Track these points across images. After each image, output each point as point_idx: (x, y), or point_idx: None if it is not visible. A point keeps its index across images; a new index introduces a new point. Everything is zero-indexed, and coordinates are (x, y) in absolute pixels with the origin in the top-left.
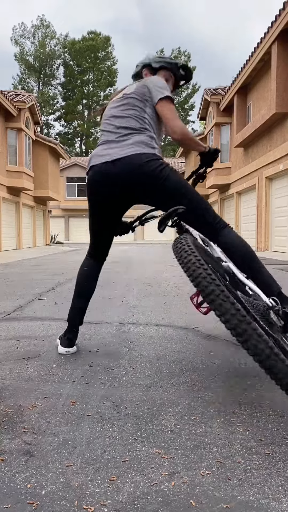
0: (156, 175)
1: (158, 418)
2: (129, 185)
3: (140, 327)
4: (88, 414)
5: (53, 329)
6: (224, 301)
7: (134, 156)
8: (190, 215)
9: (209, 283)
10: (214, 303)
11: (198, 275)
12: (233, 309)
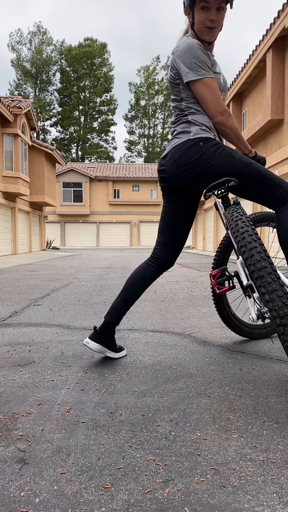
0: (197, 166)
1: (153, 425)
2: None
3: (136, 333)
4: (82, 421)
5: (48, 335)
6: (274, 280)
7: (171, 152)
8: (242, 190)
9: (263, 258)
10: (262, 279)
11: (252, 248)
12: (281, 291)
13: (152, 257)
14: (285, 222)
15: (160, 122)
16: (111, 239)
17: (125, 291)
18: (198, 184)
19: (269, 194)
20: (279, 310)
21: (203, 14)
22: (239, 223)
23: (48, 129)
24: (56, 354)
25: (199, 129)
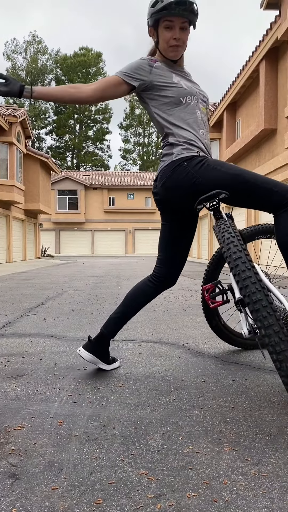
0: (185, 185)
1: (146, 438)
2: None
3: (130, 344)
4: (75, 435)
5: (42, 346)
6: (258, 290)
7: (160, 175)
8: (237, 200)
9: (248, 268)
10: (247, 289)
11: (237, 258)
12: (266, 301)
13: (153, 274)
14: (281, 225)
15: (154, 130)
16: (106, 247)
17: (123, 306)
18: (189, 203)
19: (264, 201)
20: (264, 321)
21: (167, 33)
22: (225, 234)
23: (43, 137)
24: (50, 365)
25: (181, 149)
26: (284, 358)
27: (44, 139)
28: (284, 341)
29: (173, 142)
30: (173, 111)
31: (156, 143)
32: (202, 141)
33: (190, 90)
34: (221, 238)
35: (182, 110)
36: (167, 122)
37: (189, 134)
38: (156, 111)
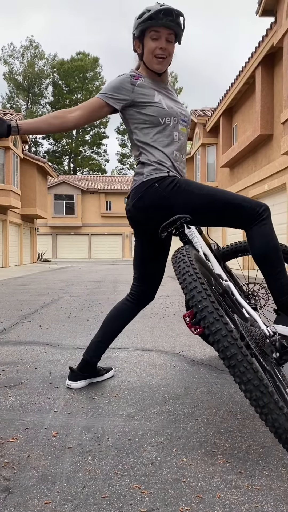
0: (156, 207)
1: (140, 450)
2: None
3: (125, 352)
4: (69, 447)
5: (37, 354)
6: (216, 319)
7: (131, 194)
8: (208, 220)
9: (204, 298)
10: (205, 320)
11: (193, 288)
12: (225, 330)
13: (130, 293)
14: (254, 239)
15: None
16: (103, 251)
17: (103, 329)
18: (159, 224)
19: (235, 217)
20: (226, 351)
21: (153, 44)
22: (181, 264)
23: (40, 141)
24: (44, 374)
25: (151, 169)
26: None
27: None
28: (249, 370)
29: (144, 161)
30: (150, 131)
31: None
32: (174, 162)
33: (170, 111)
34: (177, 269)
35: (159, 131)
36: (142, 141)
37: (161, 154)
38: (133, 128)
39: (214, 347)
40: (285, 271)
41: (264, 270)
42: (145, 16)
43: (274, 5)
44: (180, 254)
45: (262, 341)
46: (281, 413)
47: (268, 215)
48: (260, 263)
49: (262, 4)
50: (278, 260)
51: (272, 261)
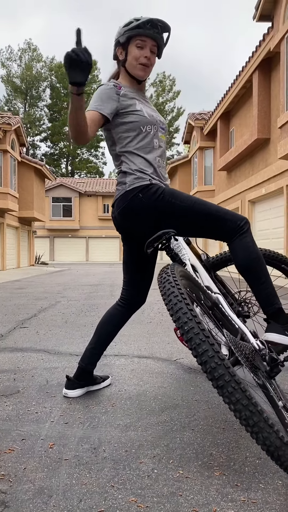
0: (140, 217)
1: (136, 461)
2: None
3: (122, 359)
4: (65, 458)
5: (34, 361)
6: (203, 341)
7: (116, 203)
8: (191, 231)
9: (189, 319)
10: (192, 341)
11: (178, 309)
12: (212, 351)
13: (121, 297)
14: (237, 252)
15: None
16: (101, 254)
17: (97, 335)
18: (144, 233)
19: (217, 229)
20: (213, 372)
21: (138, 51)
22: (166, 285)
23: (38, 144)
24: (41, 383)
25: (133, 178)
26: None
27: (39, 146)
28: (237, 390)
29: (125, 170)
30: (132, 139)
31: None
32: (156, 168)
33: (151, 119)
34: (162, 289)
35: (142, 138)
36: (123, 149)
37: (143, 162)
38: (117, 139)
39: (202, 369)
40: (270, 281)
41: (250, 282)
42: (133, 25)
43: (271, 10)
44: (165, 274)
45: (252, 355)
46: (271, 430)
47: (248, 228)
48: (245, 275)
49: (259, 9)
50: (262, 271)
51: (257, 272)
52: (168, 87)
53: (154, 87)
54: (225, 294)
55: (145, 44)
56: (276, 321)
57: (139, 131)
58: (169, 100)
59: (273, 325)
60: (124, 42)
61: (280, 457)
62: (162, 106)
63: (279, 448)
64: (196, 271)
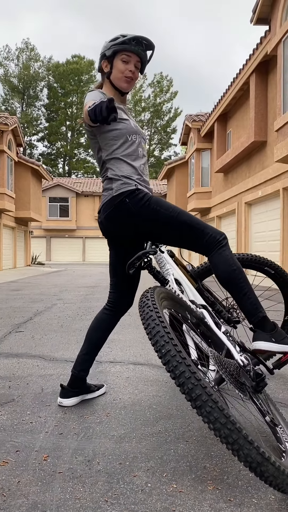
0: (125, 222)
1: (130, 475)
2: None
3: (117, 366)
4: (59, 471)
5: (29, 368)
6: (179, 362)
7: (102, 208)
8: (172, 240)
9: (166, 342)
10: (169, 364)
11: (156, 333)
12: (188, 372)
13: (108, 301)
14: (218, 265)
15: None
16: (97, 254)
17: (87, 341)
18: (129, 237)
19: (197, 242)
20: (191, 393)
21: (123, 65)
22: (145, 309)
23: (35, 144)
24: (36, 391)
25: (120, 184)
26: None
27: (36, 146)
28: (214, 409)
29: (111, 177)
30: (118, 146)
31: (148, 151)
32: (142, 175)
33: (136, 129)
34: (142, 314)
35: (128, 146)
36: (110, 156)
37: (129, 168)
38: (104, 145)
39: (180, 390)
40: (252, 291)
41: (233, 293)
42: (119, 40)
43: (268, 13)
44: (145, 298)
45: (237, 371)
46: (251, 447)
47: (226, 243)
48: (228, 287)
49: (256, 12)
50: (243, 281)
51: (238, 283)
52: (165, 88)
53: (152, 87)
54: (212, 302)
55: (130, 59)
56: (262, 329)
57: (125, 139)
58: (167, 101)
59: (260, 334)
60: (110, 56)
61: (263, 472)
62: (160, 106)
63: (261, 464)
64: (180, 285)
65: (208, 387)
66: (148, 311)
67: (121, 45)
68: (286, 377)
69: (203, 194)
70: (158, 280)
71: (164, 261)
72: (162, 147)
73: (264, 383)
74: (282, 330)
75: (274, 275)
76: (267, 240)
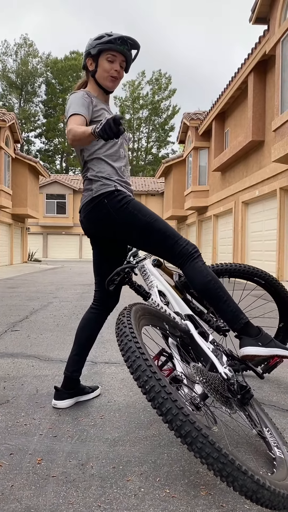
0: (103, 222)
1: (123, 479)
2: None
3: (112, 367)
4: (53, 475)
5: (24, 368)
6: (165, 398)
7: (82, 208)
8: (146, 246)
9: (137, 357)
10: (140, 379)
11: (128, 349)
12: (175, 408)
13: (94, 299)
14: (191, 277)
15: (144, 136)
16: None
17: (77, 342)
18: (108, 236)
19: (169, 252)
20: (172, 423)
21: (109, 65)
22: (120, 326)
23: (33, 140)
24: (31, 392)
25: (99, 185)
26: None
27: (33, 142)
28: (206, 444)
29: (91, 178)
30: (100, 146)
31: (146, 149)
32: (121, 176)
33: None
34: (117, 331)
35: (109, 147)
36: (91, 156)
37: (109, 169)
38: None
39: (169, 427)
40: (231, 298)
41: (212, 304)
42: (105, 39)
43: (267, 13)
44: (121, 325)
45: (222, 386)
46: (245, 477)
47: (199, 255)
48: (206, 297)
49: (255, 12)
50: (220, 290)
51: (216, 293)
52: (164, 85)
53: (150, 85)
54: (200, 312)
55: (115, 59)
56: (248, 335)
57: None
58: (165, 98)
59: (246, 339)
60: (95, 54)
61: (259, 499)
62: (158, 104)
63: (257, 492)
64: (164, 297)
65: (197, 421)
66: (123, 327)
67: (107, 44)
68: (280, 380)
69: (200, 192)
70: (140, 295)
71: (147, 273)
72: (160, 145)
73: (249, 395)
74: (267, 334)
75: (264, 285)
76: (264, 240)
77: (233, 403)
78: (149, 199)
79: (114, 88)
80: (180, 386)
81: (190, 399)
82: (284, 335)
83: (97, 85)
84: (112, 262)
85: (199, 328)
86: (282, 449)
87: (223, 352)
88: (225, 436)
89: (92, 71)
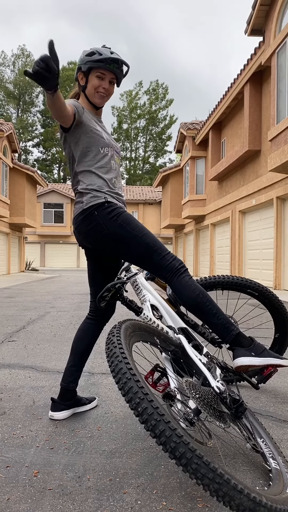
0: (94, 233)
1: (120, 492)
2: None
3: (110, 378)
4: (50, 488)
5: (21, 379)
6: (158, 420)
7: (74, 219)
8: (134, 259)
9: (128, 379)
10: (132, 401)
11: (119, 370)
12: (168, 430)
13: (89, 310)
14: (179, 292)
15: (142, 145)
16: None
17: (73, 353)
18: (99, 247)
19: (156, 266)
20: (166, 445)
21: (97, 82)
22: (109, 346)
23: (30, 149)
24: (28, 403)
25: (89, 197)
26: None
27: (31, 152)
28: (201, 465)
29: (82, 191)
30: (91, 158)
31: (143, 158)
32: (112, 188)
33: (109, 142)
34: (107, 351)
35: (99, 158)
36: (82, 168)
37: (100, 181)
38: (75, 154)
39: (163, 449)
40: (220, 311)
41: (201, 317)
42: (95, 58)
43: (262, 24)
44: (111, 335)
45: (215, 400)
46: (242, 495)
47: (186, 270)
48: (195, 311)
49: (250, 24)
50: (209, 303)
51: (205, 306)
52: (161, 95)
53: (147, 95)
54: (195, 324)
55: (105, 77)
56: (240, 346)
57: (97, 151)
58: (162, 108)
59: (239, 350)
60: (85, 71)
61: None
62: (155, 113)
63: (254, 510)
64: (157, 310)
65: (191, 442)
66: (112, 347)
67: (97, 62)
68: (277, 390)
69: (197, 201)
70: (131, 310)
71: (140, 287)
72: (157, 154)
73: (242, 408)
74: (260, 343)
75: (258, 297)
76: (261, 249)
77: (226, 417)
78: (147, 208)
79: (102, 104)
80: (174, 402)
81: (183, 415)
82: (280, 345)
83: (87, 100)
84: (106, 273)
85: (193, 341)
86: (277, 459)
87: (217, 364)
88: (219, 451)
89: (82, 86)
